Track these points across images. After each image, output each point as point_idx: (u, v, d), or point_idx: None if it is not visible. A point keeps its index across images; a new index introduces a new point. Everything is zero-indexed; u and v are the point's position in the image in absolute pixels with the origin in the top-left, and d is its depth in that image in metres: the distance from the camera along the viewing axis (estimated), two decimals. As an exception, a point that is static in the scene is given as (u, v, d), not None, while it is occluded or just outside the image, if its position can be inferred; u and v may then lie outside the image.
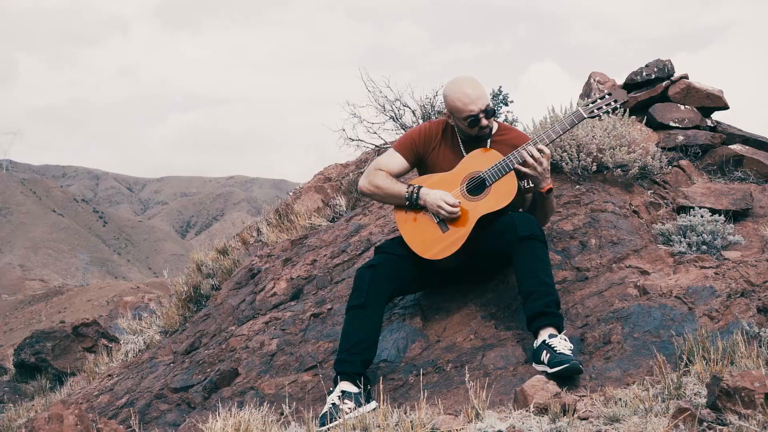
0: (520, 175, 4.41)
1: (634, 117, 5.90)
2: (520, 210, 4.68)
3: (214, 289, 6.49)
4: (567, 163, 5.32)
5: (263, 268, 5.94)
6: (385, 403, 3.84)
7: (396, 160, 4.55)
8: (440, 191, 4.33)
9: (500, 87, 7.25)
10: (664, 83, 6.16)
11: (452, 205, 4.27)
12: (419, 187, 4.39)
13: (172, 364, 5.38)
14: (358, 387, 3.98)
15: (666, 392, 3.19)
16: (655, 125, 5.99)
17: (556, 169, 5.47)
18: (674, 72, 6.24)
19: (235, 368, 4.79)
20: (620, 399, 3.21)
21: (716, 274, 4.34)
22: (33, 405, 6.76)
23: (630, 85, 6.35)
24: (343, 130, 7.13)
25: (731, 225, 4.87)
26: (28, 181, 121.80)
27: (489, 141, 4.51)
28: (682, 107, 6.02)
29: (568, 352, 3.76)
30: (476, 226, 4.28)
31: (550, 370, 3.72)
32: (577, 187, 5.31)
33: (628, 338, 4.01)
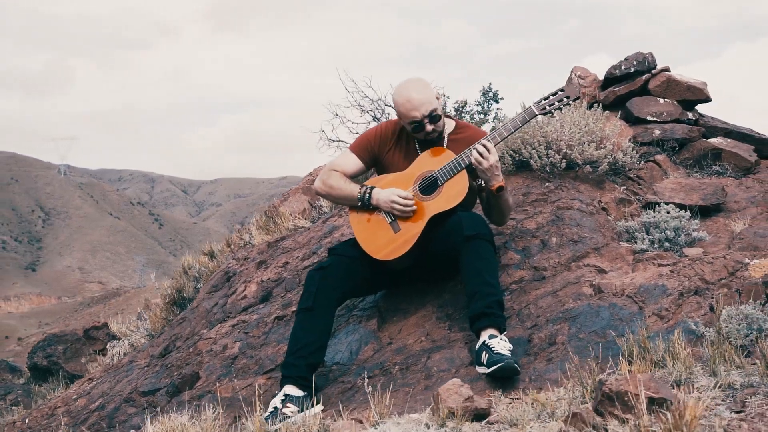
0: (474, 174, 4.37)
1: (607, 112, 5.79)
2: (478, 209, 4.64)
3: (198, 292, 6.55)
4: (535, 161, 5.25)
5: (238, 271, 5.97)
6: (332, 407, 3.85)
7: (351, 161, 4.54)
8: (392, 188, 4.32)
9: (490, 84, 7.19)
10: (644, 77, 6.03)
11: (406, 198, 4.24)
12: (372, 188, 4.38)
13: (146, 368, 5.43)
14: (303, 390, 3.97)
15: (582, 396, 3.13)
16: (633, 120, 5.87)
17: (524, 166, 5.40)
18: (656, 65, 6.10)
19: (197, 372, 4.82)
20: (535, 402, 3.15)
21: (671, 272, 4.24)
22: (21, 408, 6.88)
23: (609, 80, 6.23)
24: (323, 131, 7.14)
25: (696, 221, 4.75)
26: (85, 185, 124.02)
27: (446, 139, 4.47)
28: (662, 101, 5.89)
29: (506, 352, 3.71)
30: (428, 226, 4.25)
31: (487, 371, 3.69)
32: (547, 184, 5.24)
33: (573, 339, 3.94)
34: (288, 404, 3.87)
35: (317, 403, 3.97)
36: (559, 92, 4.36)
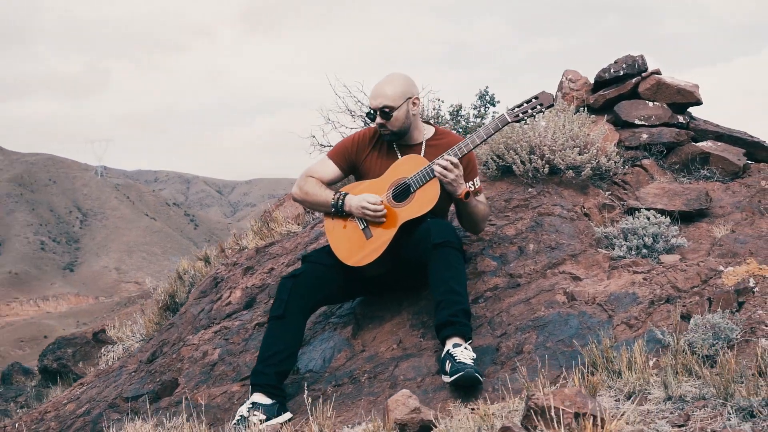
0: None
1: (594, 116, 5.73)
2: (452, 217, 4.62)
3: (191, 297, 6.58)
4: (518, 166, 5.21)
5: (225, 277, 6.00)
6: (301, 415, 3.86)
7: (328, 168, 4.54)
8: (364, 194, 4.32)
9: (486, 87, 7.16)
10: (634, 80, 5.95)
11: (375, 203, 4.24)
12: (345, 194, 4.38)
13: (133, 373, 5.47)
14: (272, 398, 3.99)
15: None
16: (621, 123, 5.80)
17: (509, 171, 5.36)
18: (647, 68, 6.02)
19: (176, 378, 4.85)
20: (486, 413, 3.13)
21: (644, 279, 4.19)
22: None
23: (599, 83, 6.16)
24: (313, 136, 7.15)
25: (675, 227, 4.68)
26: (121, 186, 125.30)
27: (423, 145, 4.46)
28: (651, 104, 5.80)
29: (469, 362, 3.70)
30: (400, 233, 4.24)
31: (449, 380, 3.68)
32: (529, 190, 5.20)
33: (540, 348, 3.91)
34: (255, 412, 3.90)
35: (285, 412, 3.98)
36: (533, 100, 4.33)
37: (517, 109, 4.32)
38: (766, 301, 3.81)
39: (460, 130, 7.33)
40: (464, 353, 3.75)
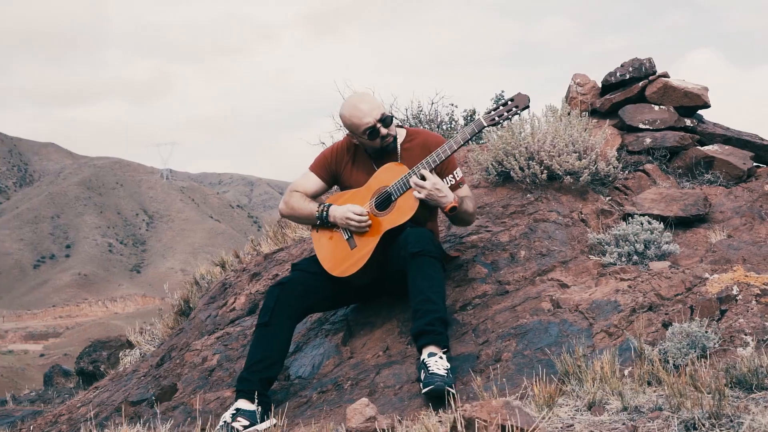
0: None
1: (596, 120, 5.68)
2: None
3: (205, 303, 6.70)
4: (516, 172, 5.19)
5: (233, 283, 6.09)
6: (287, 420, 3.92)
7: (311, 181, 4.59)
8: (348, 204, 4.35)
9: (502, 92, 7.14)
10: (640, 83, 5.86)
11: (359, 214, 4.27)
12: (329, 205, 4.42)
13: (142, 377, 5.60)
14: (257, 405, 4.05)
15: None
16: (626, 128, 5.73)
17: (509, 177, 5.34)
18: (654, 71, 5.93)
19: (175, 383, 4.95)
20: (432, 424, 3.15)
21: (628, 287, 4.15)
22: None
23: (606, 87, 6.09)
24: (323, 143, 7.20)
25: (669, 233, 4.61)
26: (186, 188, 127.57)
27: (399, 148, 4.47)
28: (657, 108, 5.72)
29: (442, 372, 3.70)
30: (384, 241, 4.27)
31: (422, 391, 3.70)
32: (528, 196, 5.17)
33: (518, 356, 3.90)
34: (239, 418, 3.96)
35: (269, 418, 4.04)
36: (509, 102, 4.34)
37: (493, 113, 4.33)
38: (749, 309, 3.74)
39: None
40: (438, 363, 3.75)
